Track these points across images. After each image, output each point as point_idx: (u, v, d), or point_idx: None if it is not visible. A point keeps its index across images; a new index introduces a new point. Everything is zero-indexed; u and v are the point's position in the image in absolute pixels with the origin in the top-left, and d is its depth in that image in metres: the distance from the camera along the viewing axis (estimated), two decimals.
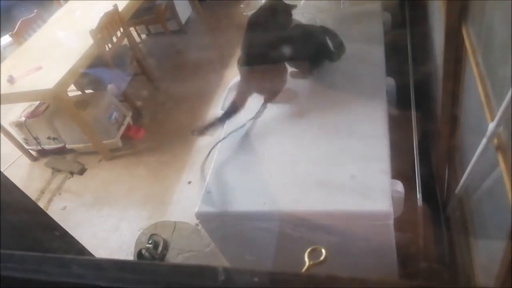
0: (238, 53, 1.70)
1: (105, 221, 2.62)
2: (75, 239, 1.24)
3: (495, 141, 0.89)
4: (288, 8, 1.78)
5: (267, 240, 1.49)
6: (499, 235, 1.01)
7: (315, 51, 1.77)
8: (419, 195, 1.34)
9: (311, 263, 0.72)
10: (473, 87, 1.10)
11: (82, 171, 3.06)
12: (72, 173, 3.07)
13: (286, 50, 1.69)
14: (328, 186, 1.37)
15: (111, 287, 0.39)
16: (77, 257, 0.45)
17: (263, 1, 1.83)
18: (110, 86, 3.21)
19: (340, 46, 1.76)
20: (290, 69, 1.77)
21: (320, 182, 1.39)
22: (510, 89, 0.69)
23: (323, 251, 0.73)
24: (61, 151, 3.22)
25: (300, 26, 1.78)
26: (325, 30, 1.78)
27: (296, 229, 1.40)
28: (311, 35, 1.77)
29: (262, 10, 1.73)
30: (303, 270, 0.71)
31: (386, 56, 1.81)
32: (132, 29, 3.93)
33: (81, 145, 3.10)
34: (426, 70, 1.95)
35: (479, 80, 1.03)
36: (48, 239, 1.07)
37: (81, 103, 2.98)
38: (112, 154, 3.07)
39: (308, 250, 0.73)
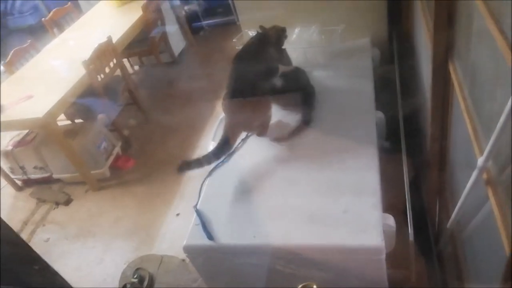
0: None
1: (89, 253, 2.53)
2: (57, 272, 1.19)
3: (485, 175, 0.90)
4: (281, 32, 1.82)
5: (257, 275, 1.45)
6: (491, 270, 0.99)
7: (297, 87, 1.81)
8: (410, 230, 1.32)
9: None
10: (461, 121, 1.12)
11: (67, 202, 2.99)
12: (57, 204, 2.99)
13: (269, 85, 1.71)
14: (319, 220, 1.36)
15: None
16: None
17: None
18: (100, 116, 3.19)
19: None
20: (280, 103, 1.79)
21: (311, 216, 1.38)
22: (498, 124, 0.70)
23: (315, 287, 0.71)
24: (47, 181, 3.15)
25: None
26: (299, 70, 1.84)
27: (287, 263, 1.37)
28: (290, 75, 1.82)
29: (248, 45, 1.76)
30: None
31: (375, 90, 1.84)
32: (125, 60, 3.98)
33: (68, 175, 3.05)
34: (414, 104, 1.99)
35: (467, 115, 1.05)
36: (28, 272, 1.03)
37: (70, 132, 2.95)
38: (100, 184, 3.02)
39: (300, 287, 0.71)
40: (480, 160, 0.82)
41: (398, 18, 2.27)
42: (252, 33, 2.00)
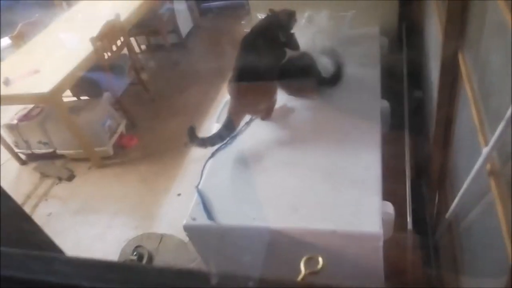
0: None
1: (90, 229, 2.57)
2: (56, 245, 1.21)
3: (488, 166, 0.90)
4: (290, 16, 1.80)
5: (255, 257, 1.47)
6: (489, 262, 1.00)
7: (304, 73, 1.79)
8: (409, 219, 1.33)
9: (307, 271, 0.70)
10: (467, 112, 1.12)
11: (70, 178, 3.02)
12: (60, 179, 3.02)
13: (276, 69, 1.70)
14: (319, 205, 1.37)
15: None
16: (61, 256, 0.44)
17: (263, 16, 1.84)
18: (106, 94, 3.20)
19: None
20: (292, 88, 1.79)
21: (311, 201, 1.39)
22: (508, 113, 0.69)
23: (320, 259, 0.71)
24: (51, 156, 3.18)
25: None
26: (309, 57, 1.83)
27: (285, 246, 1.38)
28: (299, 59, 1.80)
29: (256, 28, 1.74)
30: (299, 279, 0.69)
31: (382, 79, 1.83)
32: (132, 39, 3.96)
33: (72, 151, 3.07)
34: (421, 94, 1.98)
35: (474, 105, 1.05)
36: (28, 244, 1.04)
37: (76, 109, 2.96)
38: (103, 161, 3.04)
39: (304, 258, 0.71)
40: (485, 150, 0.82)
41: (408, 7, 2.24)
42: (261, 16, 1.98)
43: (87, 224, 2.61)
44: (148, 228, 2.44)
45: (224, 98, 1.93)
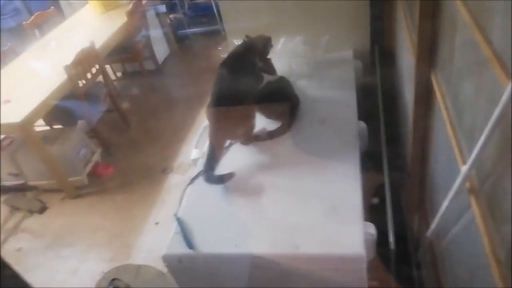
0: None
1: (64, 263, 2.45)
2: (26, 282, 1.13)
3: (467, 184, 0.91)
4: (266, 42, 1.83)
5: (238, 284, 1.43)
6: (471, 277, 1.00)
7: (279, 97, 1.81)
8: (392, 238, 1.33)
9: None
10: (443, 131, 1.14)
11: (42, 210, 2.89)
12: (31, 212, 2.89)
13: (254, 94, 1.71)
14: (301, 228, 1.35)
15: None
16: None
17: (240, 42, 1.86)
18: (80, 122, 3.13)
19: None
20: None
21: (293, 224, 1.37)
22: (483, 133, 0.70)
23: None
24: (21, 188, 3.05)
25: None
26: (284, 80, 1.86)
27: (269, 272, 1.35)
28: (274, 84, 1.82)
29: (234, 53, 1.76)
30: None
31: (358, 101, 1.86)
32: (108, 66, 3.93)
33: (44, 182, 2.96)
34: (396, 114, 2.02)
35: (449, 125, 1.07)
36: None
37: (49, 138, 2.88)
38: (77, 192, 2.94)
39: None
40: (464, 168, 0.82)
41: (380, 32, 2.32)
42: (237, 41, 2.00)
43: (60, 258, 2.49)
44: (125, 260, 2.35)
45: (202, 124, 1.92)
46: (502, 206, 0.79)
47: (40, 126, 3.09)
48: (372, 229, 1.31)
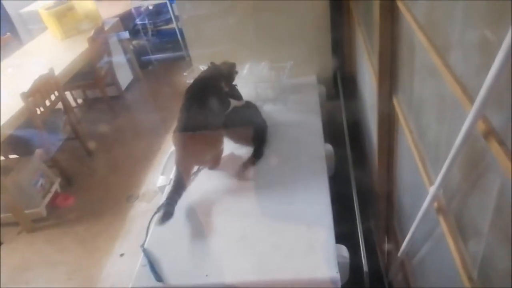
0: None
1: None
2: None
3: (436, 204, 0.93)
4: (231, 68, 1.84)
5: None
6: None
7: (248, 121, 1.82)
8: (364, 261, 1.33)
9: None
10: (408, 153, 1.17)
11: None
12: None
13: (221, 119, 1.70)
14: (273, 254, 1.33)
15: None
16: None
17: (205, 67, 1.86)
18: (38, 151, 2.99)
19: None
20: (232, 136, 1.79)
21: (264, 250, 1.35)
22: (450, 153, 0.73)
23: None
24: None
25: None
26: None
27: None
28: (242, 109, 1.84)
29: (200, 79, 1.75)
30: None
31: (323, 124, 1.90)
32: (68, 93, 3.81)
33: None
34: (361, 137, 2.07)
35: (413, 145, 1.10)
36: None
37: (3, 169, 2.72)
38: (35, 225, 2.78)
39: None
40: (432, 189, 0.85)
41: (341, 57, 2.40)
42: (203, 67, 2.00)
43: None
44: None
45: (168, 150, 1.88)
46: (469, 224, 0.81)
47: None
48: (345, 251, 1.31)
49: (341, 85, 2.32)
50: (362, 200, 1.66)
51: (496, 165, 0.62)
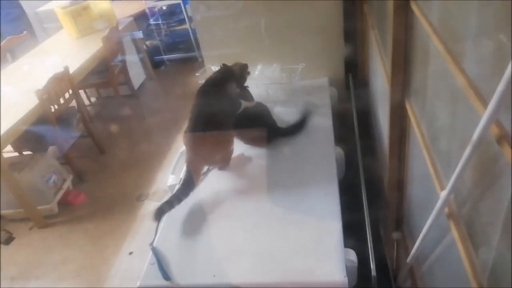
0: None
1: None
2: None
3: (446, 209, 0.92)
4: (243, 69, 1.84)
5: None
6: None
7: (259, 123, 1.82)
8: (372, 265, 1.32)
9: None
10: (419, 157, 1.16)
11: (8, 240, 2.75)
12: None
13: (232, 119, 1.71)
14: (281, 256, 1.33)
15: None
16: None
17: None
18: (51, 148, 3.03)
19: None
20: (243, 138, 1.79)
21: (272, 252, 1.34)
22: (462, 159, 0.72)
23: None
24: None
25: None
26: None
27: None
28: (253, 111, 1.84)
29: (211, 79, 1.76)
30: None
31: (334, 127, 1.89)
32: (82, 91, 3.86)
33: (10, 211, 2.82)
34: (372, 140, 2.05)
35: (425, 150, 1.09)
36: None
37: (17, 165, 2.77)
38: (47, 221, 2.82)
39: None
40: (443, 194, 0.83)
41: (354, 59, 2.39)
42: (215, 68, 2.01)
43: None
44: None
45: (179, 149, 1.89)
46: (480, 231, 0.80)
47: (9, 152, 2.98)
48: (353, 256, 1.30)
49: (353, 88, 2.30)
50: (372, 204, 1.65)
51: (509, 170, 0.61)
